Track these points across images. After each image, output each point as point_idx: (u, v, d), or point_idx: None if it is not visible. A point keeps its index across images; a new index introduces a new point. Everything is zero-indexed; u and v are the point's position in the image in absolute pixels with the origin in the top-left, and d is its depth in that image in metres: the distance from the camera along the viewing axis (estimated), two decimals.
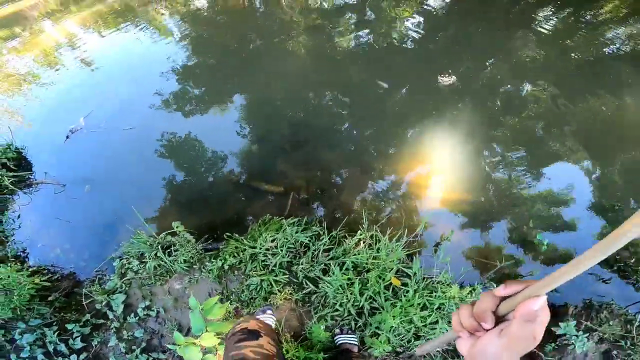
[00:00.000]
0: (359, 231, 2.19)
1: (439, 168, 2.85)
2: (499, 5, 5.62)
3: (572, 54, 4.28)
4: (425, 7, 5.02)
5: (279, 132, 3.12)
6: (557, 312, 2.08)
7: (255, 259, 2.14)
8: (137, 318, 2.09)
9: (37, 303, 2.09)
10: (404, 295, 1.92)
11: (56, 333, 1.99)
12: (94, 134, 3.32)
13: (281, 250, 2.10)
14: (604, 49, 4.84)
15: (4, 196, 2.86)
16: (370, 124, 3.19)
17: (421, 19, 4.66)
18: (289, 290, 2.08)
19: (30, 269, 2.36)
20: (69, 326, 2.03)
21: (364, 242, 2.13)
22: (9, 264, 2.20)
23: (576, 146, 2.99)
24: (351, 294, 1.93)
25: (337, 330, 1.95)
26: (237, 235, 2.29)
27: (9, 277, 2.01)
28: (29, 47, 5.33)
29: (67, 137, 3.33)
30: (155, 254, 2.18)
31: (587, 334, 1.85)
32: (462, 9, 5.29)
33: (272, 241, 2.13)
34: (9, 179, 2.87)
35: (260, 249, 2.12)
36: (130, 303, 2.16)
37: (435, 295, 1.92)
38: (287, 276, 2.08)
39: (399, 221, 2.45)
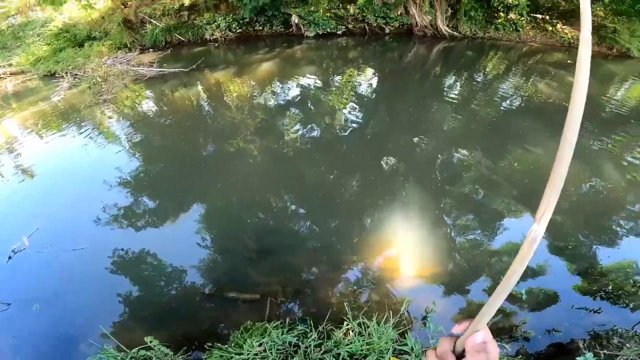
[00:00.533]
0: (345, 322, 2.10)
1: (404, 246, 2.92)
2: (414, 81, 6.79)
3: (480, 116, 5.19)
4: (358, 93, 5.84)
5: (242, 240, 3.00)
6: (568, 349, 2.08)
7: None
8: None
9: None
10: None
11: None
12: (41, 254, 3.03)
13: (271, 353, 2.04)
14: (502, 106, 6.02)
15: None
16: (330, 218, 3.21)
17: (356, 106, 5.37)
18: None
19: None
20: None
21: (352, 331, 2.16)
22: None
23: (514, 199, 3.42)
24: None
25: None
26: (219, 344, 2.19)
27: None
28: None
29: (10, 257, 3.02)
30: None
31: None
32: (386, 89, 6.28)
33: (259, 345, 2.08)
34: None
35: (248, 354, 2.05)
36: None
37: None
38: None
39: (381, 304, 2.42)
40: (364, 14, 9.37)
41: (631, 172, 4.13)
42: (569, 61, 10.39)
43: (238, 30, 9.39)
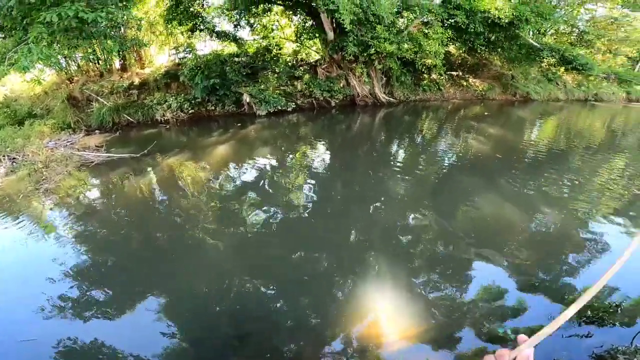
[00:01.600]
0: None
1: (382, 311, 2.97)
2: (363, 151, 7.41)
3: (425, 178, 5.78)
4: (313, 169, 6.24)
5: (218, 327, 2.90)
6: None
7: None
8: None
9: None
10: None
11: None
12: None
13: None
14: (442, 165, 6.66)
15: None
16: (304, 295, 3.23)
17: (312, 182, 5.58)
18: None
19: None
20: None
21: None
22: None
23: (473, 246, 3.72)
24: None
25: None
26: None
27: None
28: None
29: None
30: None
31: None
32: (339, 162, 6.80)
33: None
34: None
35: None
36: None
37: None
38: None
39: None
40: (311, 89, 10.36)
41: (571, 204, 4.83)
42: (485, 113, 12.24)
43: (190, 111, 9.66)
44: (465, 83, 14.32)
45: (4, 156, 7.60)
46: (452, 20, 11.40)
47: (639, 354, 2.19)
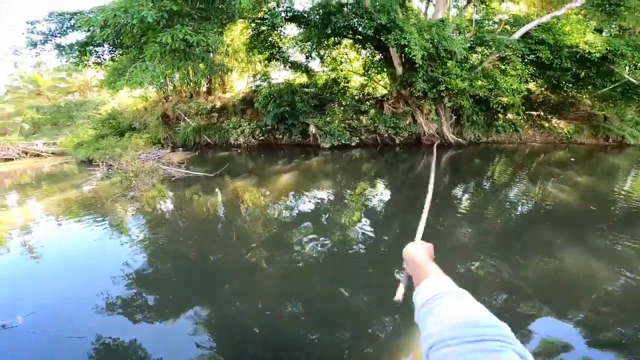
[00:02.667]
0: None
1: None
2: (423, 191, 7.08)
3: (497, 227, 5.33)
4: (370, 207, 6.18)
5: (250, 348, 2.94)
6: None
7: None
8: None
9: None
10: None
11: None
12: (34, 335, 2.99)
13: None
14: (518, 214, 6.17)
15: None
16: (341, 329, 3.18)
17: (369, 220, 5.49)
18: None
19: None
20: None
21: None
22: None
23: (539, 301, 3.38)
24: None
25: None
26: None
27: None
28: None
29: None
30: None
31: None
32: (398, 202, 6.60)
33: None
34: None
35: None
36: None
37: None
38: None
39: None
40: (376, 125, 10.42)
41: None
42: (571, 159, 10.91)
43: (260, 137, 10.47)
44: (547, 124, 12.99)
45: (102, 162, 9.11)
46: (534, 56, 10.59)
47: None
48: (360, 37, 11.03)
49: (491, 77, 10.20)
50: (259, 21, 11.29)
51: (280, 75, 14.35)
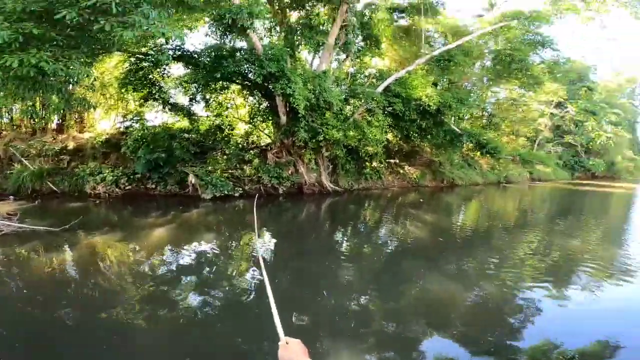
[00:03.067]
0: None
1: None
2: (309, 240, 7.28)
3: (373, 264, 6.01)
4: (257, 258, 6.03)
5: None
6: None
7: None
8: None
9: None
10: None
11: None
12: None
13: None
14: (385, 251, 7.05)
15: None
16: None
17: (256, 270, 5.18)
18: None
19: None
20: None
21: None
22: None
23: (425, 326, 3.94)
24: None
25: None
26: None
27: None
28: None
29: None
30: None
31: None
32: (285, 251, 6.54)
33: None
34: None
35: None
36: None
37: None
38: None
39: None
40: (259, 175, 10.49)
41: (500, 276, 5.34)
42: (420, 200, 13.57)
43: (127, 187, 9.04)
44: (401, 170, 15.92)
45: None
46: (391, 108, 12.21)
47: None
48: (249, 84, 11.09)
49: (360, 128, 11.44)
50: (140, 56, 10.29)
51: (157, 117, 12.92)
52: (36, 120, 11.69)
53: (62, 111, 11.16)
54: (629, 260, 6.40)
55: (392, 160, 15.70)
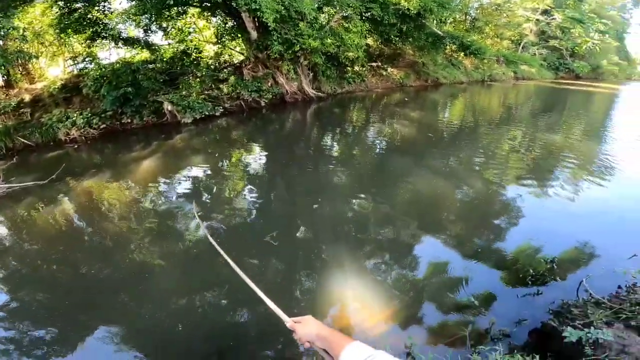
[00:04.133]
0: None
1: (343, 303, 2.96)
2: (299, 147, 7.34)
3: (362, 164, 6.09)
4: (251, 172, 6.02)
5: (191, 349, 2.63)
6: (546, 331, 2.30)
7: None
8: None
9: None
10: None
11: None
12: None
13: None
14: (375, 151, 7.02)
15: None
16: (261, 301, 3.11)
17: (252, 186, 5.41)
18: None
19: None
20: None
21: None
22: None
23: (417, 228, 4.00)
24: None
25: None
26: None
27: None
28: None
29: None
30: None
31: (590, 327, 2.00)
32: (276, 161, 6.61)
33: None
34: None
35: None
36: None
37: None
38: None
39: None
40: (238, 91, 9.98)
41: (486, 173, 5.45)
42: (405, 99, 13.29)
43: (102, 126, 8.53)
44: (385, 72, 15.34)
45: None
46: (369, 14, 11.99)
47: (588, 305, 2.39)
48: (209, 4, 10.23)
49: (338, 35, 11.07)
50: None
51: (111, 54, 11.94)
52: None
53: (2, 67, 10.07)
54: (609, 157, 6.38)
55: (374, 64, 15.01)
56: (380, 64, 15.46)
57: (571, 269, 3.20)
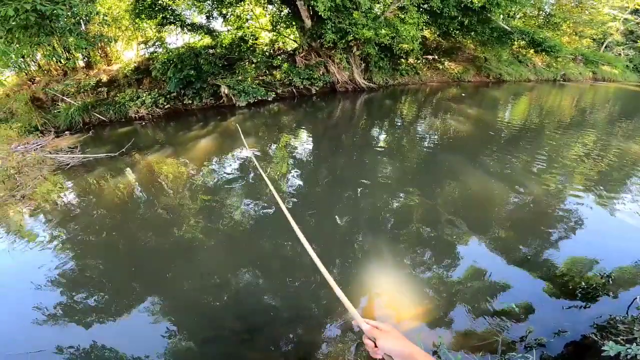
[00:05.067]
0: None
1: (376, 296, 2.94)
2: (346, 136, 7.33)
3: (412, 159, 5.88)
4: (298, 157, 6.15)
5: (224, 324, 2.76)
6: (585, 344, 2.22)
7: None
8: None
9: None
10: None
11: None
12: None
13: None
14: (424, 145, 6.72)
15: None
16: (305, 284, 3.12)
17: (299, 170, 5.52)
18: None
19: None
20: None
21: None
22: None
23: (461, 228, 3.80)
24: None
25: None
26: None
27: None
28: None
29: None
30: None
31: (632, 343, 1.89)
32: (323, 148, 6.72)
33: None
34: None
35: None
36: None
37: None
38: None
39: None
40: (290, 78, 10.21)
41: (547, 178, 5.02)
42: (462, 94, 12.50)
43: (166, 106, 9.31)
44: (441, 66, 14.54)
45: None
46: (427, 5, 11.45)
47: (637, 322, 2.25)
48: None
49: (393, 26, 10.68)
50: None
51: (178, 39, 12.82)
52: (63, 62, 11.94)
53: (84, 50, 11.27)
54: None
55: (430, 57, 14.28)
56: (436, 57, 14.68)
57: (626, 286, 2.92)
